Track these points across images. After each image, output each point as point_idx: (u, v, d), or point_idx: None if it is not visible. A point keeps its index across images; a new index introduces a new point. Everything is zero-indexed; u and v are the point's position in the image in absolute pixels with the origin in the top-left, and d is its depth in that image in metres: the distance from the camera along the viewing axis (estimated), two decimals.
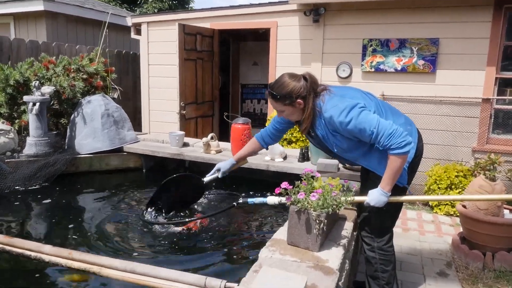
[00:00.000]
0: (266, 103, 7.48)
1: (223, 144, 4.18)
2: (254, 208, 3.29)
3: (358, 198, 2.19)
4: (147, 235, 2.83)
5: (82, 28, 8.08)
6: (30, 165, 3.71)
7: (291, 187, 1.88)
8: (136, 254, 2.54)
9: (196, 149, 4.19)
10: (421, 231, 4.03)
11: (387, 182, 2.09)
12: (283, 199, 2.31)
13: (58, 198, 3.55)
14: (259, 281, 1.44)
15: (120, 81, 6.92)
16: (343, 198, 1.94)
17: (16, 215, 3.17)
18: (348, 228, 2.22)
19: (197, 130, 6.29)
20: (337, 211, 1.99)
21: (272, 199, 2.31)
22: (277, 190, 1.88)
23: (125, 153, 4.24)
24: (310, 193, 1.89)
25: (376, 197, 2.11)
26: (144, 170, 4.32)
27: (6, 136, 3.77)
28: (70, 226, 3.01)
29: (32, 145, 3.85)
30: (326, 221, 1.84)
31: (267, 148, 2.75)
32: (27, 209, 3.31)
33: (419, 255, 3.44)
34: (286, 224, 2.21)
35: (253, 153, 2.84)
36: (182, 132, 4.31)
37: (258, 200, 2.42)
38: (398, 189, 2.21)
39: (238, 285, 1.56)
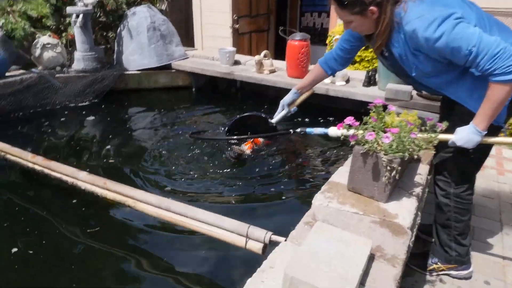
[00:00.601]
0: (328, 16, 6.67)
1: (279, 63, 3.76)
2: (313, 140, 2.97)
3: (442, 136, 1.76)
4: (197, 159, 2.65)
5: None
6: (79, 81, 3.61)
7: (357, 123, 1.50)
8: (181, 178, 2.40)
9: (248, 68, 3.82)
10: (499, 170, 3.50)
11: (484, 118, 1.63)
12: (349, 132, 1.99)
13: (107, 115, 3.48)
14: (311, 242, 1.17)
15: None
16: (423, 139, 1.54)
17: (65, 131, 3.14)
18: (422, 173, 1.84)
19: (251, 46, 5.83)
20: (414, 155, 1.60)
21: (334, 131, 1.96)
22: (339, 126, 1.52)
23: (173, 71, 3.99)
24: (382, 132, 1.51)
25: (465, 135, 1.68)
26: (193, 89, 4.09)
27: (54, 50, 3.63)
28: (116, 144, 2.93)
29: (80, 60, 3.71)
30: (399, 168, 1.48)
31: (333, 75, 2.30)
32: (76, 125, 3.27)
33: (496, 199, 2.99)
34: (347, 164, 1.89)
35: (317, 81, 2.38)
36: (233, 49, 3.91)
37: (318, 130, 2.10)
38: (492, 128, 1.75)
39: (285, 240, 1.31)
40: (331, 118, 3.32)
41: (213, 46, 5.63)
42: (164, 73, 3.98)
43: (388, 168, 1.47)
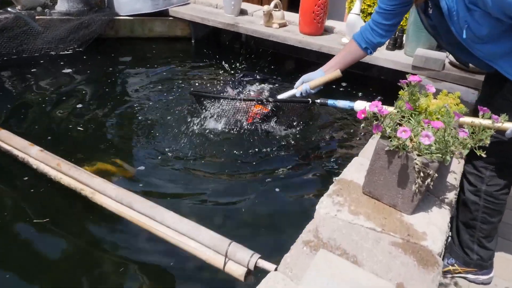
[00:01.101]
0: None
1: (292, 16, 3.25)
2: (334, 113, 2.55)
3: (498, 125, 1.37)
4: (192, 131, 2.27)
5: None
6: (62, 25, 3.16)
7: (383, 108, 1.10)
8: (172, 156, 2.05)
9: (255, 19, 3.32)
10: None
11: None
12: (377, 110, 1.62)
13: (91, 67, 3.07)
14: (309, 281, 0.84)
15: None
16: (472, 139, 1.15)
17: (39, 85, 2.74)
18: (457, 171, 1.47)
19: None
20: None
21: (361, 105, 1.67)
22: (360, 115, 1.12)
23: (171, 18, 3.50)
24: (419, 126, 1.12)
25: None
26: (192, 41, 3.62)
27: None
28: (97, 105, 2.55)
29: (63, 1, 3.24)
30: (436, 175, 1.10)
31: (372, 52, 1.83)
32: (53, 78, 2.85)
33: None
34: (363, 154, 1.51)
35: (348, 60, 1.89)
36: None
37: (342, 103, 1.77)
38: None
39: (276, 269, 0.98)
40: (348, 86, 2.89)
41: None
42: (160, 20, 3.49)
43: (422, 174, 1.09)
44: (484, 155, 1.12)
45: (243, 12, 3.45)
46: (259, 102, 2.07)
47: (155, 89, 2.82)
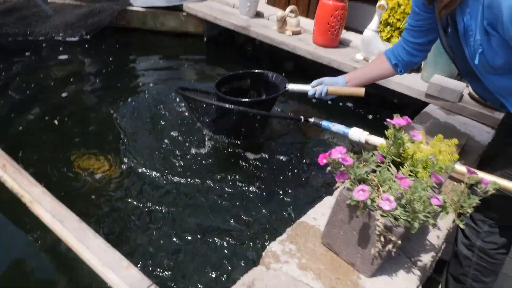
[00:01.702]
0: None
1: (308, 24, 3.07)
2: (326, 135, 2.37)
3: (503, 183, 1.19)
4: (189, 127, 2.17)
5: None
6: (74, 11, 3.11)
7: (349, 160, 0.93)
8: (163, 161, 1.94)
9: (269, 23, 3.16)
10: None
11: None
12: (369, 139, 1.49)
13: (97, 55, 3.01)
14: None
15: None
16: (456, 200, 0.97)
17: (39, 70, 2.69)
18: (442, 227, 1.27)
19: None
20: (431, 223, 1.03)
21: (357, 134, 1.53)
22: (322, 160, 0.95)
23: (184, 13, 3.39)
24: (384, 184, 0.95)
25: None
26: (205, 39, 3.50)
27: None
28: (98, 93, 2.49)
29: None
30: (399, 242, 0.93)
31: (401, 72, 1.60)
32: (54, 64, 2.80)
33: None
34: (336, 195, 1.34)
35: (374, 75, 1.69)
36: None
37: (337, 127, 1.62)
38: None
39: None
40: (357, 107, 2.70)
41: None
42: (173, 15, 3.39)
43: (383, 239, 0.92)
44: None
45: (258, 15, 3.30)
46: (248, 114, 1.88)
47: (160, 84, 2.73)
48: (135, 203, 1.65)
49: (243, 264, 1.43)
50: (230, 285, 0.95)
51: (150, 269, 1.36)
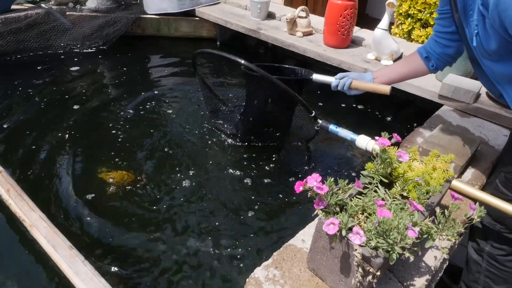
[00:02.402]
0: None
1: (320, 24, 3.00)
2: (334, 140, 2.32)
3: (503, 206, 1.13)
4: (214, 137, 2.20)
5: None
6: (90, 22, 3.21)
7: (324, 189, 0.91)
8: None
9: (280, 24, 3.12)
10: None
11: None
12: (376, 148, 1.39)
13: (115, 64, 3.08)
14: None
15: None
16: (443, 226, 0.93)
17: (58, 83, 2.79)
18: (439, 251, 1.22)
19: None
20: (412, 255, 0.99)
21: (363, 141, 1.51)
22: (298, 187, 0.94)
23: (197, 18, 3.41)
24: (368, 208, 0.92)
25: None
26: (218, 42, 3.51)
27: None
28: (120, 102, 2.56)
29: None
30: (379, 273, 0.90)
31: (434, 71, 1.50)
32: (76, 74, 2.90)
33: None
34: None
35: (408, 74, 1.57)
36: None
37: (344, 132, 1.62)
38: None
39: None
40: (371, 107, 2.62)
41: None
42: (186, 20, 3.42)
43: (361, 270, 0.90)
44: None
45: (270, 16, 3.27)
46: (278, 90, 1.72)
47: (176, 90, 2.77)
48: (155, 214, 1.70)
49: None
50: None
51: None
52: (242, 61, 1.71)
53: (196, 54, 1.93)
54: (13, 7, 3.15)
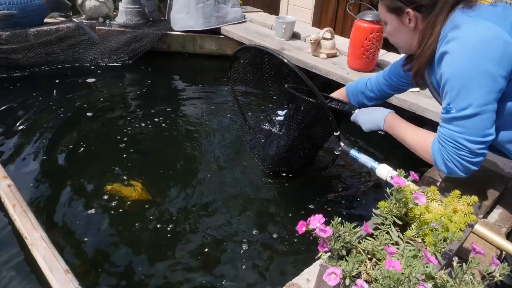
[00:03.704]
0: None
1: (345, 46, 2.94)
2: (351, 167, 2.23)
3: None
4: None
5: None
6: (118, 37, 3.28)
7: (327, 231, 0.84)
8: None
9: (305, 45, 3.09)
10: None
11: (397, 127, 1.37)
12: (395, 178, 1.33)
13: (140, 79, 3.12)
14: None
15: None
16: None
17: (85, 95, 2.84)
18: None
19: (337, 12, 4.91)
20: None
21: (384, 170, 1.46)
22: (301, 228, 0.87)
23: (222, 36, 3.43)
24: (377, 253, 0.84)
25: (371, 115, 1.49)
26: (241, 61, 3.49)
27: None
28: (142, 117, 2.57)
29: (123, 13, 3.35)
30: None
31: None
32: (101, 87, 2.95)
33: None
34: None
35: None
36: (292, 19, 3.18)
37: (364, 159, 1.58)
38: None
39: None
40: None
41: (297, 4, 4.87)
42: (211, 38, 3.44)
43: None
44: None
45: (295, 36, 3.24)
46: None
47: (201, 109, 2.75)
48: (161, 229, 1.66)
49: None
50: None
51: None
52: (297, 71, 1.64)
53: (239, 50, 1.83)
54: (45, 20, 3.27)
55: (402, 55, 2.32)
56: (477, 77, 1.00)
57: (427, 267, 0.84)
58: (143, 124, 2.48)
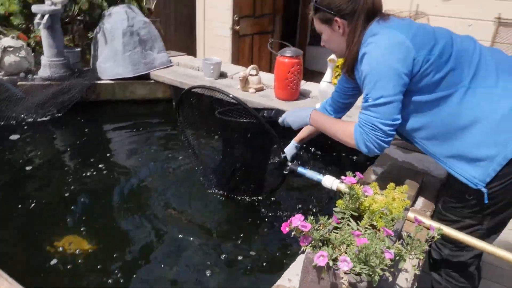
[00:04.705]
0: None
1: (271, 78, 3.26)
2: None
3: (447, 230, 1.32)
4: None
5: None
6: (44, 91, 3.21)
7: (307, 226, 1.04)
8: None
9: (233, 82, 3.36)
10: None
11: (316, 120, 1.65)
12: (340, 186, 1.59)
13: (71, 131, 3.09)
14: None
15: None
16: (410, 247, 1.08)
17: (21, 152, 2.73)
18: (408, 273, 1.36)
19: (252, 50, 5.36)
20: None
21: (329, 181, 1.66)
22: (285, 228, 1.05)
23: (152, 81, 3.56)
24: (346, 241, 1.05)
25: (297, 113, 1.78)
26: (173, 103, 3.64)
27: (17, 54, 3.25)
28: (75, 169, 2.53)
29: (46, 66, 3.31)
30: None
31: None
32: (30, 144, 2.86)
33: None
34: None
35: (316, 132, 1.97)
36: (219, 60, 3.45)
37: (310, 173, 1.77)
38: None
39: None
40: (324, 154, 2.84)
41: (215, 46, 5.21)
42: (141, 83, 3.54)
43: None
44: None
45: (222, 75, 3.50)
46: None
47: (133, 153, 2.81)
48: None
49: None
50: None
51: None
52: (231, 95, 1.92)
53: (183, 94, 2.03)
54: None
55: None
56: (387, 73, 1.30)
57: (385, 242, 1.07)
58: (83, 174, 2.47)
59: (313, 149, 2.86)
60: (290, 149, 2.02)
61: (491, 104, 1.29)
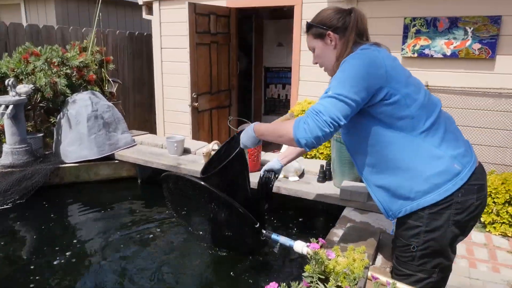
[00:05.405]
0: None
1: None
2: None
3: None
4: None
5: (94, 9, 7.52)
6: (6, 178, 3.19)
7: None
8: None
9: (197, 158, 3.53)
10: (470, 260, 3.21)
11: (265, 130, 1.71)
12: (309, 251, 1.65)
13: (35, 217, 3.03)
14: None
15: (134, 66, 6.36)
16: None
17: None
18: None
19: (211, 123, 5.63)
20: None
21: (299, 246, 1.79)
22: None
23: (116, 161, 3.65)
24: None
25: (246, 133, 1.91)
26: (139, 181, 3.72)
27: None
28: (41, 256, 2.47)
29: (8, 154, 3.33)
30: None
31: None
32: None
33: None
34: None
35: (301, 153, 2.25)
36: (181, 137, 3.64)
37: (283, 239, 1.92)
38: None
39: None
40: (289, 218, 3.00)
41: (175, 121, 5.44)
42: (105, 164, 3.62)
43: None
44: None
45: (186, 151, 3.67)
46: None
47: (100, 234, 2.79)
48: None
49: None
50: None
51: None
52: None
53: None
54: None
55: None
56: (356, 79, 1.42)
57: None
58: (54, 263, 2.43)
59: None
60: (273, 164, 2.21)
61: (429, 161, 1.49)
